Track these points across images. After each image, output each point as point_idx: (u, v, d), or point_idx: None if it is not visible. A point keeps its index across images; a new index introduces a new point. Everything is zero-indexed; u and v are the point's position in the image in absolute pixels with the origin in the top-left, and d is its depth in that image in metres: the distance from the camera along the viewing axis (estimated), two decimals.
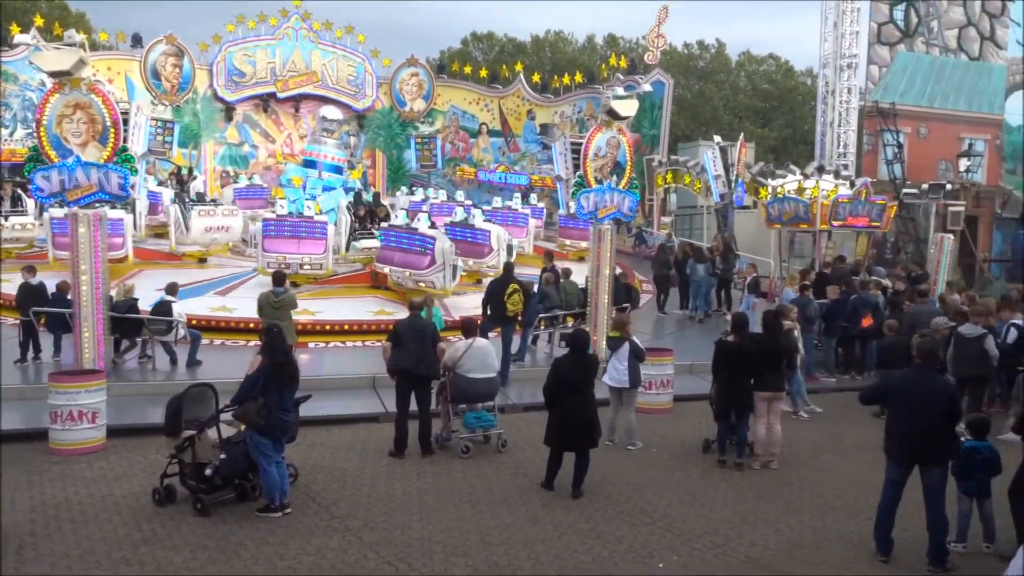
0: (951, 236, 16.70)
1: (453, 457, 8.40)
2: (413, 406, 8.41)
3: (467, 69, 29.51)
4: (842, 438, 9.52)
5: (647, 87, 19.62)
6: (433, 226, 15.66)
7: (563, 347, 12.40)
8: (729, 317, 12.43)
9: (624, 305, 13.42)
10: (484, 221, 16.86)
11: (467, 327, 8.88)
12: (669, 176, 23.29)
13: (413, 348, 8.24)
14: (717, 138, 20.33)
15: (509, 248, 16.21)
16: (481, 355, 8.55)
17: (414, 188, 23.80)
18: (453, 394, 8.57)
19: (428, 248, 14.61)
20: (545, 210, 23.11)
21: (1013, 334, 10.49)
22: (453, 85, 28.85)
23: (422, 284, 14.49)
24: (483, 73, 29.59)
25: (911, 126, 21.34)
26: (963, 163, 19.11)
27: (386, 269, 15.54)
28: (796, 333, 10.04)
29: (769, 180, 18.23)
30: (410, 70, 27.76)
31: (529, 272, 14.56)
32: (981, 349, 9.82)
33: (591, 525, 6.51)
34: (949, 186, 18.11)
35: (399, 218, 16.48)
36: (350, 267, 17.29)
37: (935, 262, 16.16)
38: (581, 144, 13.18)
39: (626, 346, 8.95)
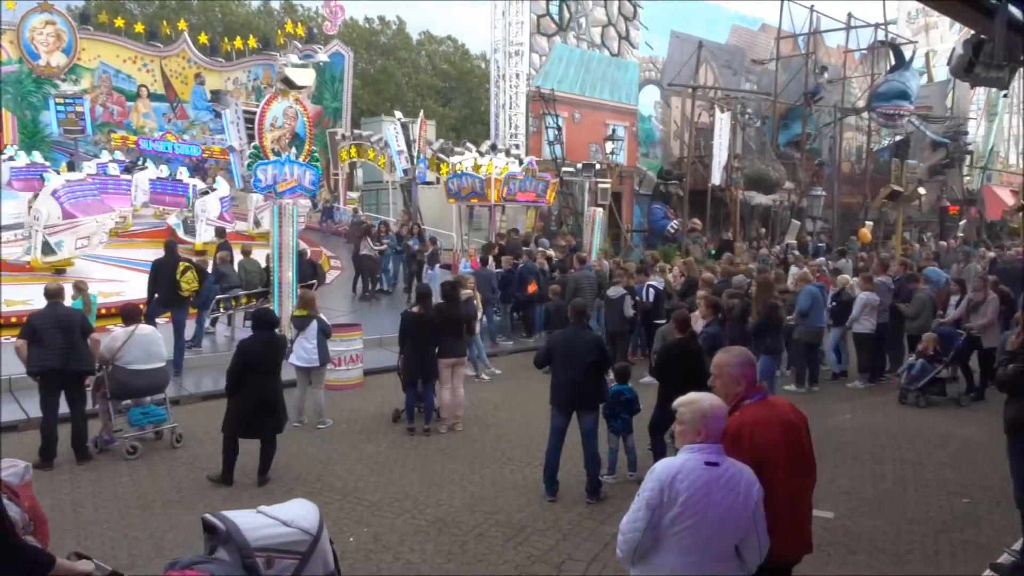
0: (601, 210, 19.08)
1: (118, 460, 7.47)
2: (64, 408, 7.29)
3: (119, 22, 25.97)
4: (519, 395, 10.39)
5: (324, 57, 19.14)
6: None
7: (247, 328, 11.75)
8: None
9: (311, 282, 13.07)
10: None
11: (127, 313, 7.89)
12: (353, 150, 23.12)
13: (59, 343, 7.10)
14: (398, 114, 20.62)
15: (220, 231, 14.53)
16: (145, 343, 7.67)
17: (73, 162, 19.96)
18: (113, 390, 7.59)
19: None
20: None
21: (652, 294, 12.39)
22: (103, 39, 25.19)
23: None
24: (139, 28, 26.30)
25: (568, 111, 23.83)
26: (609, 146, 21.88)
27: None
28: (476, 302, 10.72)
29: (449, 157, 19.07)
30: (43, 16, 23.49)
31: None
32: (620, 307, 11.40)
33: None
34: (598, 166, 20.63)
35: None
36: None
37: (589, 232, 18.35)
38: (255, 113, 12.42)
39: (314, 324, 8.74)
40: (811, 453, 3.54)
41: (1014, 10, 3.38)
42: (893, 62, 29.95)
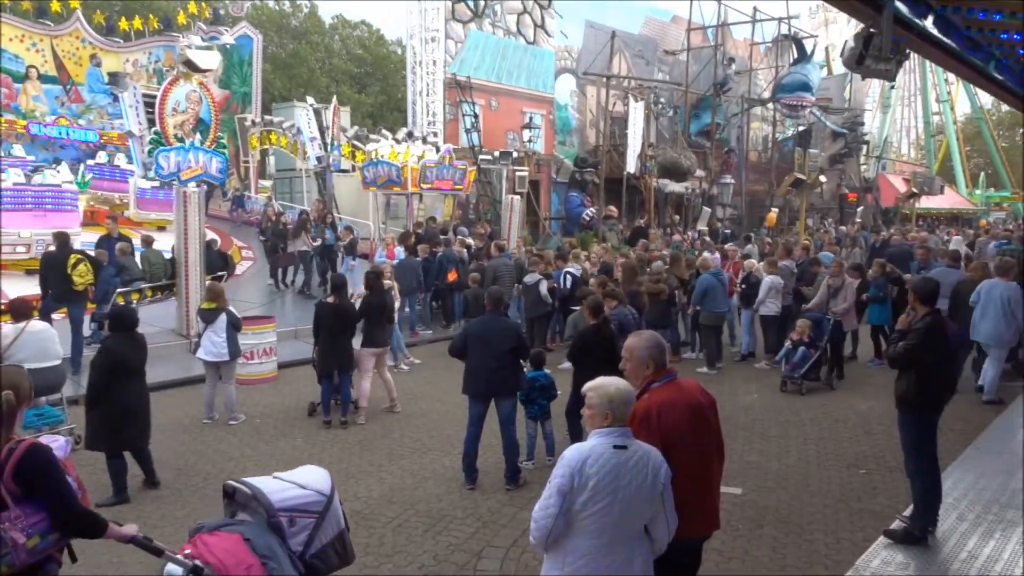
0: (519, 198, 19.17)
1: None
2: None
3: None
4: (438, 385, 10.34)
5: (231, 40, 18.40)
6: None
7: (150, 325, 11.24)
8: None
9: (220, 273, 12.62)
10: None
11: (16, 309, 7.40)
12: (264, 137, 22.39)
13: None
14: (310, 99, 20.06)
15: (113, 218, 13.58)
16: (37, 341, 7.21)
17: None
18: None
19: None
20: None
21: (568, 280, 12.54)
22: None
23: None
24: (26, 6, 24.56)
25: (484, 99, 23.77)
26: (526, 134, 22.01)
27: None
28: (394, 292, 10.58)
29: (364, 144, 18.71)
30: None
31: None
32: (537, 292, 11.50)
33: (187, 512, 6.04)
34: (516, 154, 20.72)
35: None
36: None
37: (507, 220, 18.41)
38: (156, 97, 11.83)
39: (223, 317, 8.44)
40: (719, 433, 3.65)
41: (900, 5, 3.57)
42: (796, 55, 31.25)
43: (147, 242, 12.26)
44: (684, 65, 29.59)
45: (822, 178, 31.42)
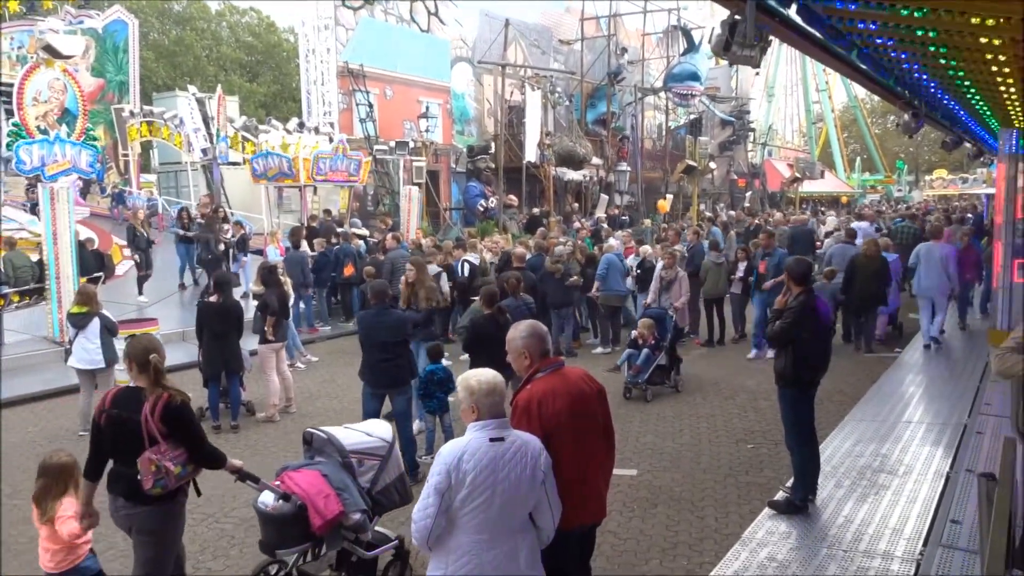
0: (417, 188, 18.91)
1: None
2: None
3: None
4: (336, 382, 10.07)
5: (100, 24, 17.20)
6: None
7: (15, 331, 10.46)
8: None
9: (96, 275, 11.83)
10: None
11: None
12: (144, 128, 21.12)
13: None
14: (193, 88, 19.07)
15: None
16: None
17: None
18: None
19: None
20: None
21: (467, 269, 12.48)
22: None
23: None
24: None
25: (379, 87, 23.27)
26: (423, 123, 21.67)
27: None
28: (287, 288, 10.19)
29: (254, 135, 17.95)
30: None
31: None
32: (438, 284, 11.38)
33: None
34: (412, 144, 20.41)
35: None
36: None
37: (406, 212, 18.13)
38: (12, 86, 10.91)
39: (95, 321, 7.90)
40: (607, 421, 3.65)
41: None
42: (685, 46, 32.24)
43: (10, 244, 11.32)
44: (579, 55, 29.98)
45: (712, 164, 32.63)
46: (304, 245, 13.44)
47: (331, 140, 17.72)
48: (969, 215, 21.44)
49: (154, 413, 3.70)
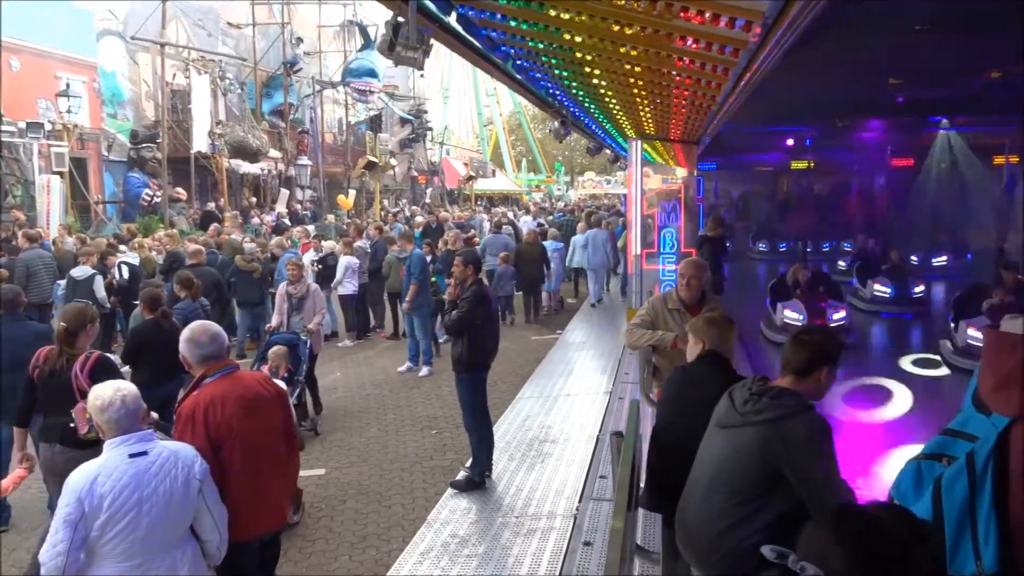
0: (58, 178, 16.31)
1: None
2: None
3: None
4: None
5: None
6: None
7: None
8: None
9: None
10: None
11: None
12: None
13: None
14: None
15: None
16: None
17: None
18: None
19: None
20: None
21: (125, 271, 11.12)
22: None
23: None
24: None
25: (3, 57, 19.51)
26: (63, 103, 18.67)
27: None
28: None
29: None
30: None
31: None
32: (90, 290, 10.03)
33: None
34: (50, 126, 17.53)
35: None
36: None
37: (45, 205, 15.56)
38: None
39: None
40: (288, 424, 3.55)
41: None
42: (362, 41, 32.39)
43: None
44: (251, 40, 28.42)
45: (393, 161, 33.35)
46: None
47: None
48: (621, 208, 25.13)
49: (83, 370, 4.24)
